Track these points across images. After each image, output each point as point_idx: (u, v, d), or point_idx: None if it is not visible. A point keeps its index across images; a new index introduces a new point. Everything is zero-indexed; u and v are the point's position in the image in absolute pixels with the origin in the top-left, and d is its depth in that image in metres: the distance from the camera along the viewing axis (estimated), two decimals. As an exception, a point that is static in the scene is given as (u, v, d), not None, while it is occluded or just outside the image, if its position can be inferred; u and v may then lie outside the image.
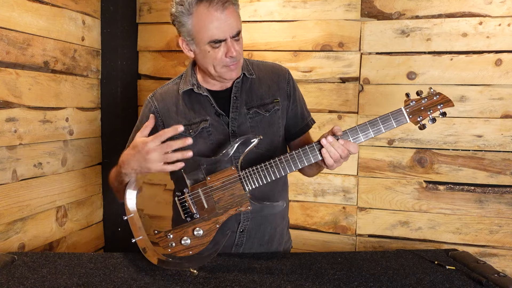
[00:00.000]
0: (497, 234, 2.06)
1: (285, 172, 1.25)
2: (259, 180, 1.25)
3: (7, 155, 1.77)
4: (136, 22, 2.49)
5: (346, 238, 2.26)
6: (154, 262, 1.22)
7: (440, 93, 1.23)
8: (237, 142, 1.26)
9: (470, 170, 2.08)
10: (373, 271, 1.22)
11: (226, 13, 1.20)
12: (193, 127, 1.35)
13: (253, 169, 1.25)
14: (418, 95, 1.23)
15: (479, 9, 2.01)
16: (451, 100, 1.23)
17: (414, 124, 1.22)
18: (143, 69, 2.52)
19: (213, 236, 1.25)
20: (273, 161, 1.25)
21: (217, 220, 1.24)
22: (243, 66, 1.39)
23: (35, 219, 1.94)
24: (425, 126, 1.22)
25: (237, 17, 1.25)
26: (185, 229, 1.25)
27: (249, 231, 1.40)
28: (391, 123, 1.22)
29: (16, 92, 1.80)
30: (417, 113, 1.22)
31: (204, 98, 1.37)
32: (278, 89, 1.42)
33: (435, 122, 1.23)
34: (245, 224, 1.38)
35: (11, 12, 1.75)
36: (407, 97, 1.23)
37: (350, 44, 2.19)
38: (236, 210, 1.25)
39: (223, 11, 1.19)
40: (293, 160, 1.24)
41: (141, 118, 1.44)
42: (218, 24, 1.20)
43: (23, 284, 1.10)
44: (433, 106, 1.22)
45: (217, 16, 1.19)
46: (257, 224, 1.40)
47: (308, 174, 1.49)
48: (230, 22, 1.21)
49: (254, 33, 2.30)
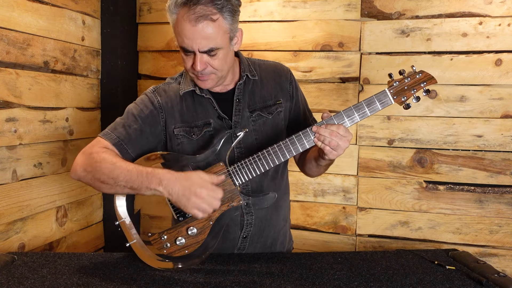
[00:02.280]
0: (497, 234, 2.06)
1: (274, 163, 1.23)
2: (249, 173, 1.23)
3: (7, 155, 1.77)
4: (136, 22, 2.49)
5: (346, 238, 2.26)
6: (153, 265, 1.23)
7: (422, 71, 1.22)
8: (223, 137, 1.25)
9: (470, 170, 2.08)
10: (373, 271, 1.22)
11: (198, 27, 1.15)
12: (195, 130, 1.34)
13: (241, 163, 1.24)
14: (401, 74, 1.22)
15: (479, 9, 2.01)
16: (433, 77, 1.22)
17: (399, 104, 1.23)
18: (143, 69, 2.52)
19: (208, 233, 1.24)
20: (261, 153, 1.23)
21: (210, 217, 1.23)
22: (245, 67, 1.38)
23: (35, 219, 1.94)
24: (410, 106, 1.23)
25: (215, 34, 1.17)
26: (178, 229, 1.24)
27: (252, 237, 1.38)
28: (375, 106, 1.22)
29: (16, 92, 1.80)
30: (401, 93, 1.22)
31: (206, 101, 1.35)
32: (281, 89, 1.41)
33: (419, 100, 1.23)
34: (248, 230, 1.37)
35: (11, 12, 1.75)
36: (390, 77, 1.22)
37: (350, 44, 2.19)
38: (228, 206, 1.23)
39: (194, 25, 1.15)
40: (281, 151, 1.22)
41: (140, 108, 1.34)
42: (187, 34, 1.18)
43: (23, 284, 1.10)
44: (416, 85, 1.22)
45: (188, 27, 1.16)
46: (260, 229, 1.39)
47: (312, 172, 1.45)
48: (198, 37, 1.16)
49: (254, 33, 2.30)
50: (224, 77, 1.31)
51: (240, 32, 1.28)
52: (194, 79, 1.30)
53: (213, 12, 1.16)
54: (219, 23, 1.18)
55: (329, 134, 1.18)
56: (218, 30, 1.18)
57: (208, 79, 1.26)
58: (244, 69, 1.37)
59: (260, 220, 1.37)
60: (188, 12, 1.15)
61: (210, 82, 1.28)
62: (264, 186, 1.37)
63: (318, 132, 1.19)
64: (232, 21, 1.21)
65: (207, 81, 1.27)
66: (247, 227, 1.36)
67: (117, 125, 1.32)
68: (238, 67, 1.40)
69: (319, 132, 1.19)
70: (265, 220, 1.39)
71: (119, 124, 1.32)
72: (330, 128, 1.18)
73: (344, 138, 1.19)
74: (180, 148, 1.35)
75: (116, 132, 1.30)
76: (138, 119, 1.32)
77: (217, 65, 1.23)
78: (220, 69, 1.25)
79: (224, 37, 1.20)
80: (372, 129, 2.19)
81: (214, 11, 1.16)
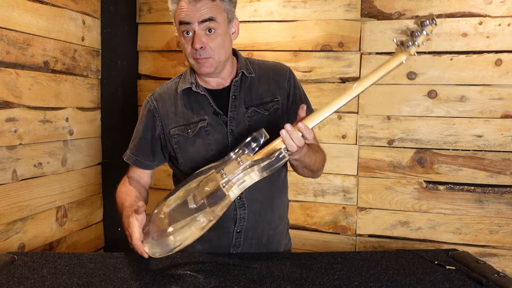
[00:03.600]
0: (497, 234, 2.06)
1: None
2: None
3: (7, 155, 1.77)
4: (136, 22, 2.49)
5: (346, 238, 2.26)
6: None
7: (423, 21, 1.11)
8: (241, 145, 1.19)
9: (470, 170, 2.08)
10: (373, 271, 1.22)
11: (197, 5, 1.23)
12: (191, 127, 1.35)
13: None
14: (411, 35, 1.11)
15: (479, 9, 2.01)
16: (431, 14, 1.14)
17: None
18: (143, 69, 2.52)
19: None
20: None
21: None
22: (242, 65, 1.39)
23: (35, 219, 1.94)
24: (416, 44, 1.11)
25: (214, 9, 1.24)
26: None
27: (246, 232, 1.38)
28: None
29: (16, 92, 1.80)
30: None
31: (202, 97, 1.36)
32: (279, 87, 1.41)
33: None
34: (241, 225, 1.37)
35: (11, 12, 1.75)
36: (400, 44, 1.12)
37: (350, 44, 2.19)
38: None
39: (194, 4, 1.23)
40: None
41: (140, 118, 1.44)
42: (187, 10, 1.23)
43: (23, 284, 1.10)
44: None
45: (188, 6, 1.23)
46: (254, 224, 1.39)
47: (300, 173, 1.42)
48: (199, 8, 1.23)
49: (254, 33, 2.30)
50: (223, 64, 1.33)
51: (237, 21, 1.35)
52: (193, 65, 1.32)
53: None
54: (217, 3, 1.26)
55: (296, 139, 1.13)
56: (217, 7, 1.25)
57: (206, 62, 1.29)
58: (241, 67, 1.38)
59: (253, 214, 1.37)
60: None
61: (208, 66, 1.30)
62: (258, 182, 1.36)
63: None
64: (230, 4, 1.29)
65: (206, 64, 1.29)
66: (241, 221, 1.36)
67: (130, 143, 1.47)
68: (236, 64, 1.41)
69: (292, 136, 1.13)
70: (259, 215, 1.39)
71: (131, 141, 1.47)
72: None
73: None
74: (177, 147, 1.37)
75: (129, 149, 1.46)
76: (140, 128, 1.43)
77: (216, 46, 1.27)
78: (220, 51, 1.29)
79: (222, 15, 1.27)
80: (372, 129, 2.19)
81: None
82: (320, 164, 1.39)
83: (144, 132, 1.42)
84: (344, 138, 2.23)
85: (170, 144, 1.38)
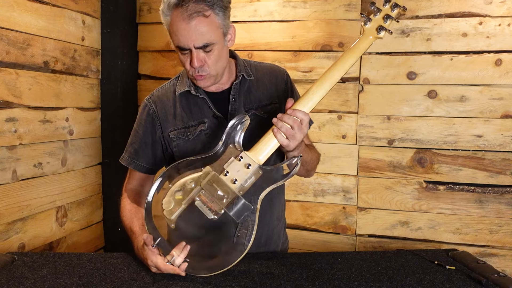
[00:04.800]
0: (497, 234, 2.06)
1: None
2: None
3: (7, 155, 1.77)
4: (136, 22, 2.49)
5: (346, 238, 2.26)
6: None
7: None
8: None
9: (470, 170, 2.08)
10: (373, 271, 1.22)
11: (192, 24, 1.19)
12: (190, 130, 1.35)
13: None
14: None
15: (479, 9, 2.01)
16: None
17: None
18: (143, 69, 2.52)
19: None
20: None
21: None
22: (241, 68, 1.39)
23: (35, 219, 1.94)
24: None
25: (208, 29, 1.21)
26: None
27: None
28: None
29: (16, 92, 1.80)
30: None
31: (201, 100, 1.35)
32: (276, 90, 1.42)
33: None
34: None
35: (11, 12, 1.75)
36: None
37: (350, 44, 2.18)
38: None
39: (188, 23, 1.19)
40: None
41: (139, 121, 1.42)
42: (182, 33, 1.21)
43: (23, 284, 1.10)
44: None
45: (183, 26, 1.20)
46: None
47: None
48: (193, 33, 1.20)
49: (254, 33, 2.30)
50: (221, 74, 1.33)
51: (233, 29, 1.31)
52: (192, 79, 1.32)
53: (205, 9, 1.20)
54: (212, 19, 1.21)
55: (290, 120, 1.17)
56: (211, 25, 1.22)
57: (205, 77, 1.28)
58: (240, 70, 1.38)
59: None
60: (181, 11, 1.19)
61: (208, 80, 1.30)
62: None
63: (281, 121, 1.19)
64: (224, 17, 1.25)
65: (205, 79, 1.29)
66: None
67: (127, 146, 1.44)
68: (235, 67, 1.41)
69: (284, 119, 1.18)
70: (258, 218, 1.38)
71: (128, 144, 1.44)
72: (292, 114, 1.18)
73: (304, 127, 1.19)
74: (177, 150, 1.36)
75: (127, 153, 1.43)
76: (140, 132, 1.41)
77: (213, 61, 1.26)
78: (217, 65, 1.27)
79: (217, 32, 1.24)
80: (372, 129, 2.19)
81: (205, 8, 1.20)
82: (315, 162, 1.42)
83: (145, 136, 1.40)
84: (344, 138, 2.23)
85: (170, 147, 1.38)
